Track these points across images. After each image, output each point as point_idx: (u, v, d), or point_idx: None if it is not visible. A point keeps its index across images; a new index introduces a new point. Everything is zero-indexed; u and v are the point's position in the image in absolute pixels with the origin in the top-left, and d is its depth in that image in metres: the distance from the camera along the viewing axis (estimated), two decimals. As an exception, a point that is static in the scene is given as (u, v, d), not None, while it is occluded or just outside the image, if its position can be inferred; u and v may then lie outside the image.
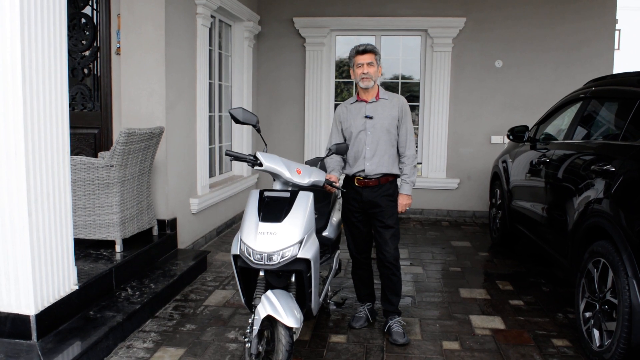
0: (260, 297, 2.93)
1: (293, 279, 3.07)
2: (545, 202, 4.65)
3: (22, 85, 3.04)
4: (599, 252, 3.45)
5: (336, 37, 8.26)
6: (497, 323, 4.12)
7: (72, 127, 3.88)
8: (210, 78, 6.46)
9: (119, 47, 5.09)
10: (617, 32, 7.98)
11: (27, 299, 3.17)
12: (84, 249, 4.46)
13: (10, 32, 3.01)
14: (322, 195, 3.97)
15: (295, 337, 2.99)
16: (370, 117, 3.76)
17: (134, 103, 5.10)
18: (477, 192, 8.00)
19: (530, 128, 5.66)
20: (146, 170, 4.79)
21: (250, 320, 2.92)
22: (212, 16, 6.22)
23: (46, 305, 3.29)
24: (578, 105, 4.71)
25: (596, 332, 3.43)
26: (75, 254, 3.68)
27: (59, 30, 3.33)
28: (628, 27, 25.28)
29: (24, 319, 3.18)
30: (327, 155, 3.70)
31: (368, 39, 8.04)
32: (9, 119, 3.05)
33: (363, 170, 3.77)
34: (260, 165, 3.18)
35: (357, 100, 3.86)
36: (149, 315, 4.07)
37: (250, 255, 2.94)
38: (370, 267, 4.09)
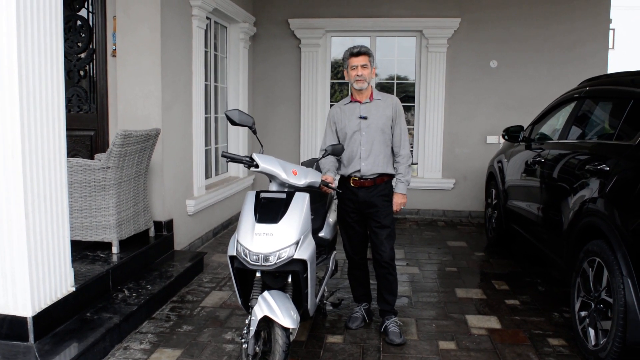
0: (256, 298, 2.94)
1: (289, 279, 3.09)
2: (540, 202, 4.67)
3: (18, 88, 3.04)
4: (593, 252, 3.47)
5: (331, 38, 8.27)
6: (493, 323, 4.14)
7: (68, 129, 3.87)
8: (206, 79, 6.46)
9: (115, 49, 5.09)
10: (611, 32, 8.01)
11: (24, 301, 3.17)
12: (81, 250, 4.46)
13: (7, 35, 3.01)
14: (318, 196, 3.98)
15: (291, 338, 2.99)
16: (365, 118, 3.78)
17: (130, 105, 5.10)
18: (473, 192, 8.02)
19: (525, 128, 5.69)
20: (142, 172, 4.79)
21: (247, 321, 2.93)
22: (207, 18, 6.23)
23: (43, 307, 3.29)
24: (572, 105, 4.73)
25: (591, 331, 3.44)
26: (72, 255, 3.67)
27: (55, 32, 3.33)
28: (622, 26, 25.39)
29: (21, 320, 3.18)
30: (323, 157, 3.71)
31: (363, 40, 8.05)
32: (5, 121, 3.06)
33: (359, 171, 3.79)
34: (257, 166, 3.19)
35: (351, 101, 3.88)
36: (145, 317, 4.07)
37: (246, 257, 2.95)
38: (367, 267, 4.11)
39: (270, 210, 3.09)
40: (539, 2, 7.72)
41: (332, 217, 4.06)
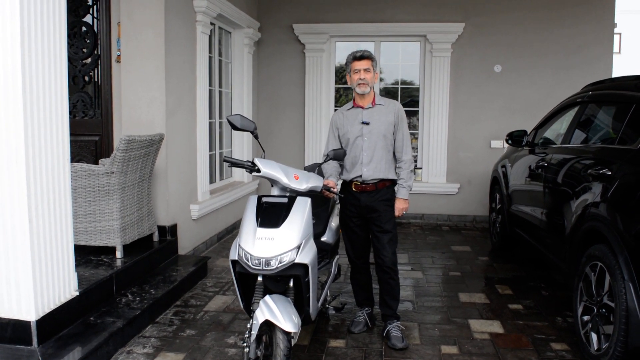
0: (258, 302, 2.95)
1: (291, 284, 3.10)
2: (543, 206, 4.67)
3: (22, 93, 3.07)
4: (596, 256, 3.46)
5: (336, 43, 8.30)
6: (496, 327, 4.13)
7: (73, 134, 3.91)
8: (210, 85, 6.49)
9: (119, 55, 5.13)
10: (617, 36, 8.01)
11: (27, 305, 3.20)
12: (85, 255, 4.48)
13: (11, 40, 3.05)
14: (321, 201, 4.00)
15: (293, 342, 3.01)
16: (367, 123, 3.79)
17: (134, 110, 5.13)
18: (477, 197, 8.01)
19: (528, 132, 5.68)
20: (146, 176, 4.82)
21: (248, 325, 2.94)
22: (211, 23, 6.26)
23: (47, 311, 3.31)
24: (576, 109, 4.72)
25: (594, 336, 3.43)
26: (76, 260, 3.70)
27: (58, 38, 3.36)
28: (629, 31, 25.27)
29: (25, 324, 3.20)
30: (325, 161, 3.73)
31: (367, 45, 8.07)
32: (9, 126, 3.09)
33: (360, 176, 3.80)
34: (258, 171, 3.21)
35: (353, 107, 3.89)
36: (149, 321, 4.09)
37: (248, 261, 2.96)
38: (369, 271, 4.11)
39: (271, 214, 3.11)
40: (543, 7, 7.72)
41: (334, 222, 4.07)
